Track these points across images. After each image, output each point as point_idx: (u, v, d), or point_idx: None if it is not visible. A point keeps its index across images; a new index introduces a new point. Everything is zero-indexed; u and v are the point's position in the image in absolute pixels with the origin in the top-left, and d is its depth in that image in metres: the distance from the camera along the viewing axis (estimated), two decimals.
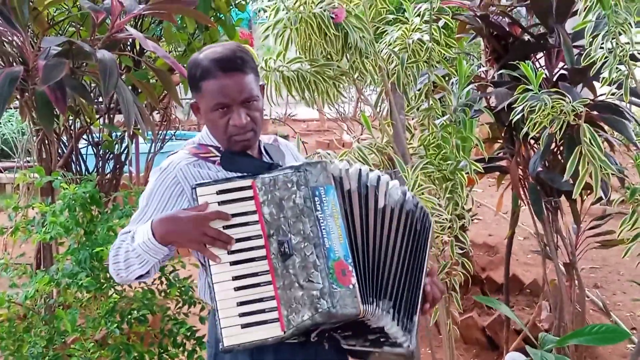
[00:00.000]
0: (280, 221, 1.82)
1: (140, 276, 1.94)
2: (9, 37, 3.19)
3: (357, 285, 1.79)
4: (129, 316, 3.02)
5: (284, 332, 1.77)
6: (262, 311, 1.77)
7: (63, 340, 3.00)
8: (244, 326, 1.77)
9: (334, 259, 1.79)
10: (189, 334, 3.13)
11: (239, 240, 1.81)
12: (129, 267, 1.89)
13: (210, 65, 1.91)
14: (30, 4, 2.98)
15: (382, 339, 1.92)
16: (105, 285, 3.01)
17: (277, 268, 1.79)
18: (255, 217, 1.83)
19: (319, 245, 1.79)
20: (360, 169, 1.95)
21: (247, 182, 1.86)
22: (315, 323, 1.76)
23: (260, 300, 1.78)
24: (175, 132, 8.30)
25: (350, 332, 1.94)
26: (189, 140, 2.10)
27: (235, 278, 1.79)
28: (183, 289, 3.19)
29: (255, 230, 1.82)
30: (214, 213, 1.80)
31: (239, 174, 1.93)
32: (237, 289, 1.79)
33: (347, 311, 1.76)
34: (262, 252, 1.81)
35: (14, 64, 3.19)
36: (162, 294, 3.19)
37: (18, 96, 3.29)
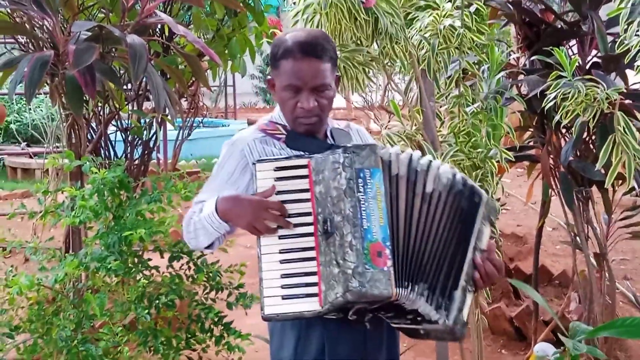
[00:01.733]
0: (327, 200, 1.87)
1: (208, 247, 2.06)
2: (40, 22, 3.21)
3: (392, 268, 1.82)
4: (157, 301, 3.03)
5: (321, 307, 1.83)
6: (304, 285, 1.85)
7: (91, 324, 3.02)
8: (285, 297, 1.84)
9: (371, 240, 1.82)
10: (216, 319, 3.13)
11: (290, 215, 1.88)
12: (197, 237, 2.02)
13: (292, 46, 2.00)
14: None
15: (418, 318, 1.96)
16: (133, 269, 3.02)
17: (321, 245, 1.85)
18: (308, 195, 1.90)
19: (357, 226, 1.82)
20: (411, 154, 1.97)
21: (303, 161, 1.93)
22: (347, 301, 1.81)
23: (304, 274, 1.85)
24: (202, 120, 8.35)
25: (393, 313, 1.98)
26: (263, 118, 2.19)
27: (282, 251, 1.87)
28: (211, 274, 3.19)
29: (306, 208, 1.89)
30: (276, 203, 1.88)
31: (298, 153, 2.01)
32: (283, 261, 1.87)
33: (377, 292, 1.79)
34: (310, 229, 1.88)
35: (44, 48, 3.20)
36: (190, 279, 3.20)
37: (48, 81, 3.31)
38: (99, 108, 3.86)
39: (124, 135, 4.13)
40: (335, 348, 2.00)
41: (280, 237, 1.88)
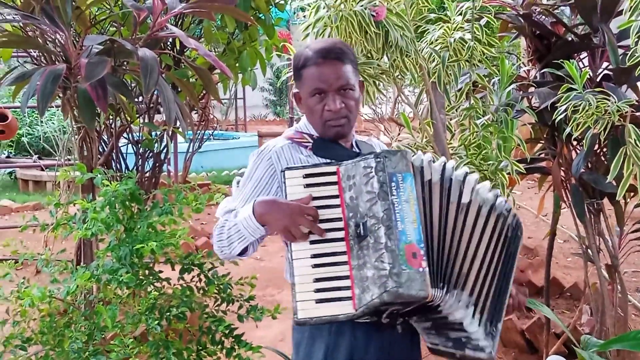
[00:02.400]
0: (359, 204, 1.89)
1: (241, 254, 2.06)
2: (52, 36, 3.23)
3: (427, 269, 1.83)
4: (168, 313, 3.03)
5: (355, 310, 1.84)
6: (337, 289, 1.86)
7: (103, 335, 3.02)
8: (319, 301, 1.85)
9: (406, 241, 1.83)
10: (227, 331, 3.13)
11: (320, 221, 1.90)
12: (231, 243, 2.02)
13: (312, 54, 2.06)
14: (73, 3, 3.01)
15: (463, 339, 1.96)
16: (144, 281, 3.03)
17: (353, 249, 1.88)
18: (337, 201, 1.92)
19: (391, 228, 1.84)
20: (445, 163, 1.99)
21: (332, 168, 1.96)
22: (383, 302, 1.81)
23: (336, 278, 1.86)
24: (213, 132, 8.37)
25: (430, 324, 2.00)
26: (289, 129, 2.24)
27: (314, 256, 1.89)
28: (222, 286, 3.19)
29: (337, 213, 1.92)
30: (312, 209, 1.89)
31: (327, 160, 2.05)
32: (315, 266, 1.88)
33: (414, 292, 1.80)
34: (340, 234, 1.90)
35: (57, 62, 3.23)
36: (201, 291, 3.20)
37: (60, 94, 3.33)
38: (111, 121, 3.88)
39: (135, 148, 4.15)
40: (364, 355, 2.02)
41: (312, 242, 1.90)
